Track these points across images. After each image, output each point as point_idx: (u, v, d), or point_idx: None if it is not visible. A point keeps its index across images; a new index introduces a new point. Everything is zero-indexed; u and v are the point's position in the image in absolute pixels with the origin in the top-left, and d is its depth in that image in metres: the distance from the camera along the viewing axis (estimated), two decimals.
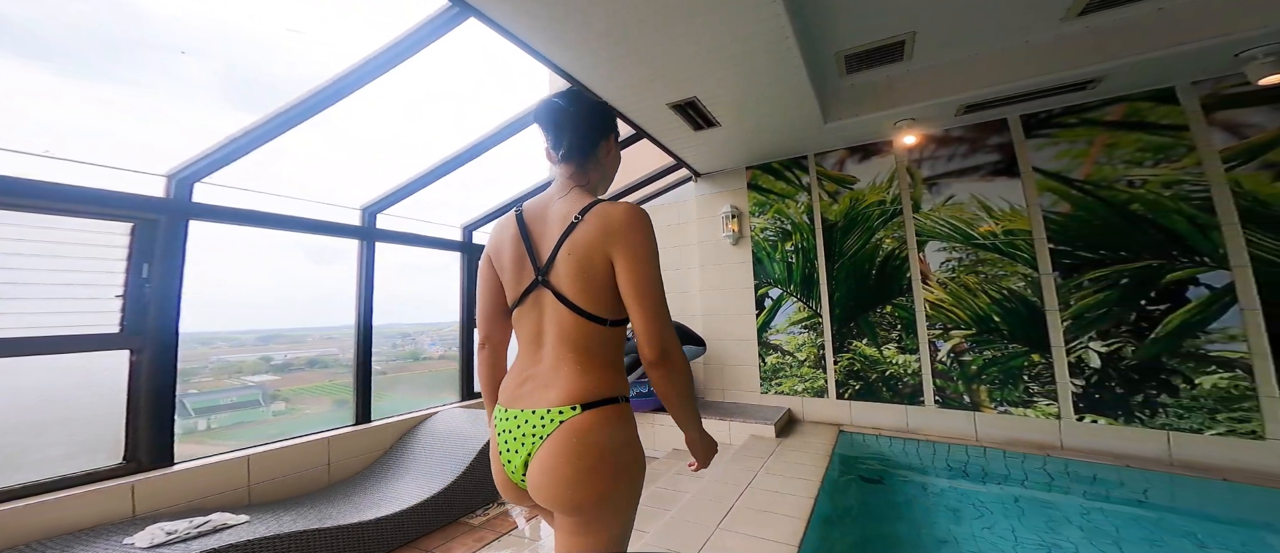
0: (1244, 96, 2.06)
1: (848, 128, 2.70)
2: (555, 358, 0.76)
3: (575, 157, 0.82)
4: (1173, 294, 2.14)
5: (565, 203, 0.80)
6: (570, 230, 0.76)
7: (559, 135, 0.82)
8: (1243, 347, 2.00)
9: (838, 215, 3.03)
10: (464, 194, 3.33)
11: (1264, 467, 1.93)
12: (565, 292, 0.76)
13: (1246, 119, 2.05)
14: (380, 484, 2.12)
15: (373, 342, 2.47)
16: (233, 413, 2.35)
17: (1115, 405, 2.22)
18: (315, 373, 2.62)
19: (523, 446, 0.74)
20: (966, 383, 2.57)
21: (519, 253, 0.80)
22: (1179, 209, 2.15)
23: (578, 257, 0.74)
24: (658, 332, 0.73)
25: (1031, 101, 2.39)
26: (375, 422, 2.42)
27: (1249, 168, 2.03)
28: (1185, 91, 2.17)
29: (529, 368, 0.79)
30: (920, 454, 2.50)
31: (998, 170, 2.56)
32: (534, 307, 0.79)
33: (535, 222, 0.81)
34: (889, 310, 2.81)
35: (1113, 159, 2.30)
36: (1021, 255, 2.48)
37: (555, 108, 0.82)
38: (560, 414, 0.72)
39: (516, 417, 0.76)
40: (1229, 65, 2.00)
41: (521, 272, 0.80)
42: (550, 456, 0.71)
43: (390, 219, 2.64)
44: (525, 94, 8.17)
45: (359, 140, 2.85)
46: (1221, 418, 2.01)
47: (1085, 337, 2.31)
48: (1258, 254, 2.00)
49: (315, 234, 2.31)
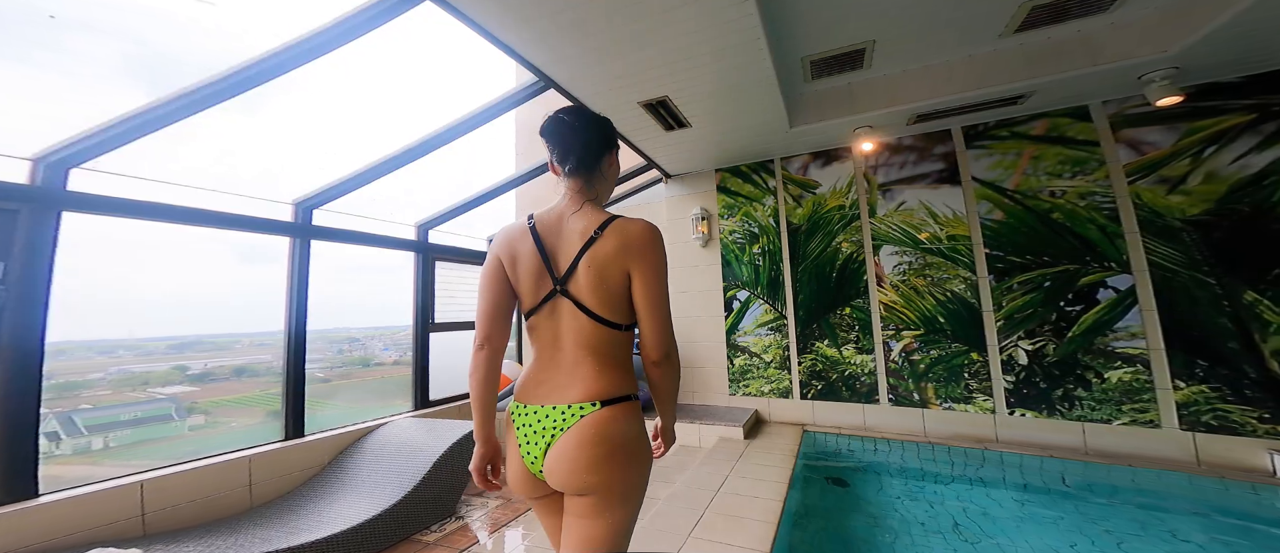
0: (1144, 116, 2.33)
1: (811, 133, 2.80)
2: (574, 360, 0.83)
3: (582, 172, 0.89)
4: (1086, 296, 2.39)
5: (580, 218, 0.86)
6: (589, 244, 0.83)
7: (566, 151, 0.88)
8: (1142, 344, 2.26)
9: (802, 219, 3.13)
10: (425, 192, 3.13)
11: (1160, 453, 2.19)
12: (584, 301, 0.83)
13: (1146, 137, 2.32)
14: (315, 504, 1.92)
15: (306, 348, 2.24)
16: (137, 429, 2.05)
17: (1040, 400, 2.44)
18: (244, 383, 2.40)
19: (542, 437, 0.81)
20: (916, 381, 2.73)
21: (537, 265, 0.86)
22: (1092, 218, 2.40)
23: (597, 269, 0.82)
24: (664, 337, 0.83)
25: (972, 114, 2.58)
26: (309, 436, 2.19)
27: (1147, 181, 2.31)
28: (1097, 110, 2.43)
29: (547, 369, 0.85)
30: (877, 452, 2.63)
31: (943, 178, 2.75)
32: (551, 314, 0.85)
33: (549, 234, 0.87)
34: (848, 312, 2.94)
35: (1037, 171, 2.54)
36: (962, 260, 2.67)
37: (562, 124, 0.89)
38: (581, 409, 0.79)
39: (537, 412, 0.82)
40: (1133, 87, 2.26)
41: (540, 282, 0.86)
42: (571, 445, 0.78)
43: (330, 215, 2.41)
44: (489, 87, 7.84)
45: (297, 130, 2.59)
46: (1126, 409, 2.26)
47: (1015, 336, 2.52)
48: (1154, 260, 2.27)
49: (237, 230, 2.05)
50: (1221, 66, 2.09)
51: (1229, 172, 2.15)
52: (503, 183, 3.05)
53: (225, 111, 1.68)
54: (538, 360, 0.87)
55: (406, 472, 2.00)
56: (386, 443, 2.23)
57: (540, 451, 0.81)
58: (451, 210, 3.02)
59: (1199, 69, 2.09)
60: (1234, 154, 2.15)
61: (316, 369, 2.51)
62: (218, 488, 1.82)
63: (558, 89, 2.15)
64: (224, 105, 1.63)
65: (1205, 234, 2.18)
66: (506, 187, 3.08)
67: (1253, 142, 2.12)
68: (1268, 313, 2.04)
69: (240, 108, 1.68)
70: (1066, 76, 2.14)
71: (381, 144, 2.33)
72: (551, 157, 0.91)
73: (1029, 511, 1.92)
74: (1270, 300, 2.04)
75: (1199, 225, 2.19)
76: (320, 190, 2.28)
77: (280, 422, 2.16)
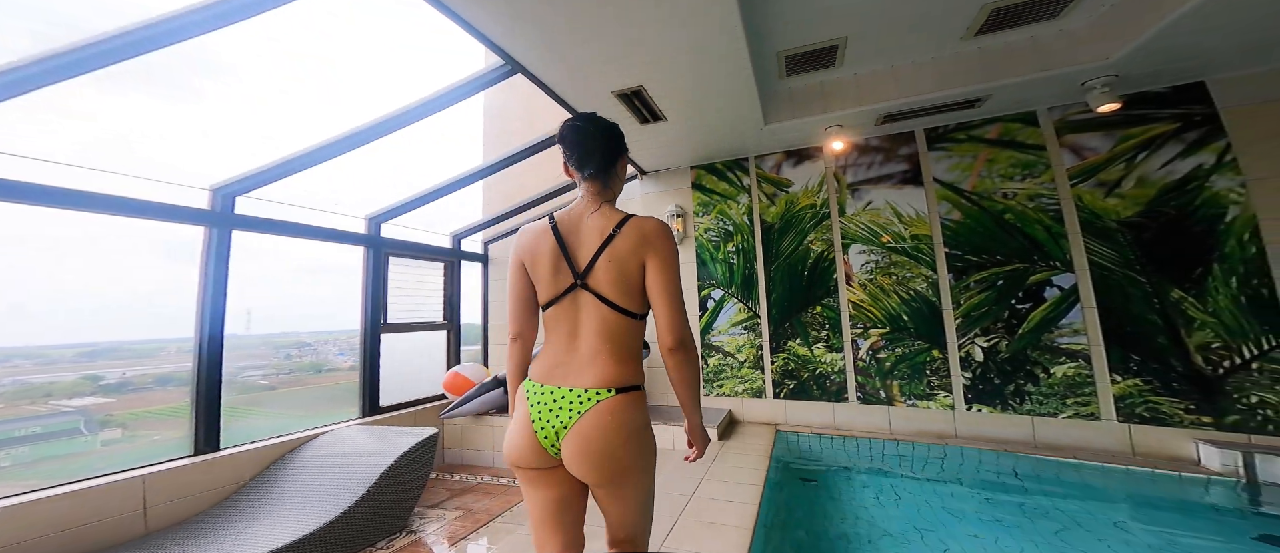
0: (1085, 123, 2.48)
1: (785, 130, 2.82)
2: (592, 348, 0.89)
3: (600, 175, 0.96)
4: (1035, 294, 2.51)
5: (599, 218, 0.93)
6: (608, 241, 0.90)
7: (585, 156, 0.95)
8: (1084, 340, 2.39)
9: (775, 217, 3.15)
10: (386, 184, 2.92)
11: (1100, 445, 2.32)
12: (604, 292, 0.89)
13: (1087, 142, 2.47)
14: (229, 527, 1.71)
15: (223, 352, 2.01)
16: (37, 446, 1.79)
17: (994, 396, 2.54)
18: (170, 393, 2.19)
19: (557, 416, 0.86)
20: (882, 379, 2.79)
21: (556, 259, 0.92)
22: (1039, 219, 2.53)
23: (617, 263, 0.89)
24: (678, 323, 0.88)
25: (933, 116, 2.68)
26: (226, 451, 1.97)
27: (1087, 185, 2.45)
28: (1043, 116, 2.57)
29: (564, 355, 0.91)
30: (846, 450, 2.66)
31: (907, 179, 2.84)
32: (571, 305, 0.91)
33: (570, 232, 0.94)
34: (819, 311, 2.98)
35: (992, 173, 2.65)
36: (924, 259, 2.76)
37: (581, 131, 0.95)
38: (597, 395, 0.85)
39: (553, 392, 0.88)
40: (1077, 94, 2.40)
41: (558, 276, 0.92)
42: (591, 430, 0.84)
43: (258, 204, 2.18)
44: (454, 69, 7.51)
45: (218, 108, 2.34)
46: (1070, 403, 2.39)
47: (972, 333, 2.62)
48: (1093, 259, 2.41)
49: (136, 218, 1.80)
50: (1152, 76, 2.25)
51: (1158, 176, 2.31)
52: (466, 175, 2.90)
53: (140, 91, 1.48)
54: (552, 346, 0.93)
55: (346, 485, 1.84)
56: (326, 454, 2.04)
57: (555, 430, 0.86)
58: (407, 203, 2.83)
59: (1135, 78, 2.24)
60: (1162, 160, 2.31)
61: (259, 376, 2.35)
62: (99, 514, 1.58)
63: (526, 74, 2.05)
64: (143, 86, 1.43)
65: (1137, 235, 2.33)
66: (471, 178, 2.93)
67: (1177, 148, 2.29)
68: (1192, 309, 2.20)
69: (137, 82, 1.47)
70: (1019, 81, 2.24)
71: (323, 126, 2.13)
72: (569, 160, 0.97)
73: (988, 509, 1.98)
74: (1194, 298, 2.20)
75: (1132, 227, 2.34)
76: (245, 176, 2.05)
77: (193, 435, 1.93)
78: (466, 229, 3.67)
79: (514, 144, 3.04)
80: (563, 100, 2.36)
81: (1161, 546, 1.62)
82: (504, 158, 2.90)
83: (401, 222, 3.05)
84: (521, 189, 3.79)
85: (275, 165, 2.07)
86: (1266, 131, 2.14)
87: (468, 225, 3.67)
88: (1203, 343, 2.16)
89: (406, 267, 3.13)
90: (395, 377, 2.99)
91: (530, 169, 3.98)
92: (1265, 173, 2.12)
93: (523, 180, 3.88)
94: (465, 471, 3.01)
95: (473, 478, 2.88)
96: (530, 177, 3.85)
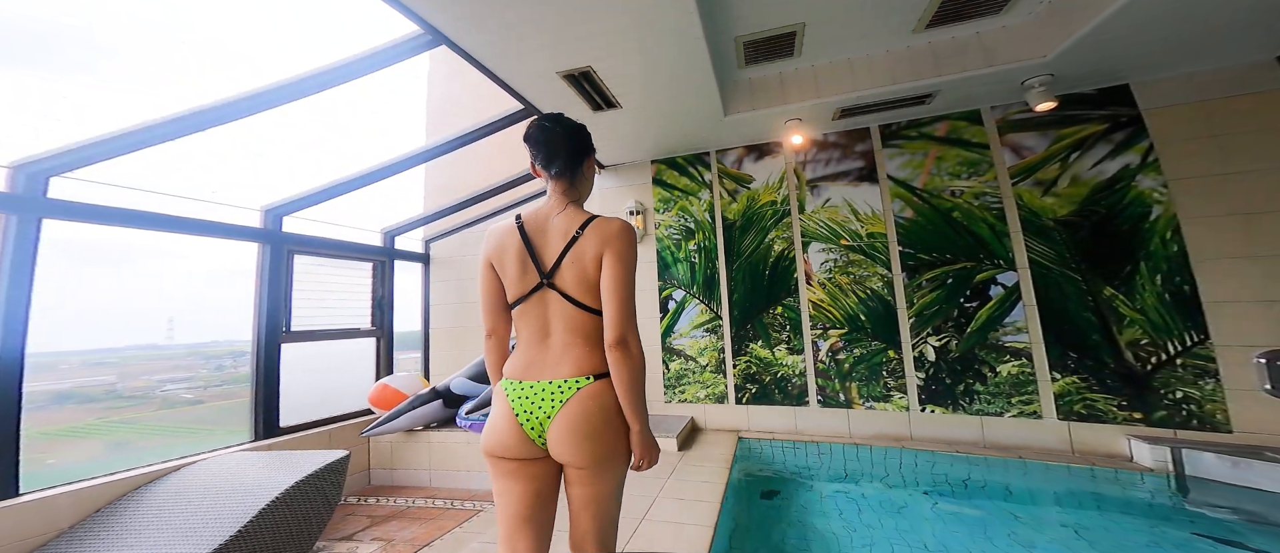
0: (1024, 122, 2.54)
1: (745, 123, 2.72)
2: (564, 343, 0.93)
3: (566, 175, 0.99)
4: (981, 292, 2.54)
5: (564, 218, 0.96)
6: (572, 243, 0.93)
7: (551, 156, 0.98)
8: (1025, 337, 2.43)
9: (736, 214, 3.05)
10: (305, 175, 2.54)
11: (1043, 443, 2.34)
12: (569, 291, 0.92)
13: (1025, 142, 2.53)
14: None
15: (23, 373, 1.58)
16: None
17: (946, 396, 2.54)
18: (74, 410, 1.95)
19: (540, 408, 0.90)
20: (841, 381, 2.73)
21: (522, 259, 0.95)
22: (984, 218, 2.56)
23: (579, 263, 0.92)
24: (622, 321, 0.90)
25: (887, 112, 2.66)
26: (29, 495, 1.55)
27: (1026, 183, 2.50)
28: (986, 115, 2.62)
29: (538, 350, 0.94)
30: (807, 456, 2.57)
31: (862, 176, 2.81)
32: (538, 303, 0.94)
33: (536, 233, 0.96)
34: (779, 311, 2.89)
35: (941, 171, 2.67)
36: (879, 257, 2.74)
37: (546, 131, 0.98)
38: (577, 383, 0.90)
39: (533, 387, 0.92)
40: (1017, 93, 2.45)
41: (525, 275, 0.95)
42: (577, 413, 0.88)
43: (80, 186, 1.76)
44: (361, 36, 7.06)
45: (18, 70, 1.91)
46: (1015, 401, 2.41)
47: (925, 332, 2.61)
48: (1033, 257, 2.46)
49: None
50: (1083, 77, 2.32)
51: (1089, 176, 2.39)
52: (390, 164, 2.57)
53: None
54: (525, 344, 0.96)
55: (212, 524, 1.49)
56: (194, 486, 1.68)
57: (541, 420, 0.90)
58: (316, 194, 2.47)
59: (1068, 77, 2.30)
60: (1093, 160, 2.39)
61: (183, 389, 2.18)
62: None
63: (451, 46, 1.80)
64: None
65: (1072, 233, 2.39)
66: (397, 167, 2.60)
67: (1106, 149, 2.38)
68: (1122, 307, 2.27)
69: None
70: (966, 76, 2.25)
71: (186, 93, 1.78)
72: (535, 160, 1.00)
73: (946, 515, 1.92)
74: (1124, 295, 2.27)
75: (1067, 225, 2.41)
76: (60, 152, 1.64)
77: (130, 451, 1.53)
78: (401, 226, 3.31)
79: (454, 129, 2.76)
80: (504, 82, 2.13)
81: (1111, 547, 1.59)
82: (437, 145, 2.61)
83: (319, 217, 2.68)
84: (465, 186, 3.49)
85: (105, 140, 1.68)
86: (1185, 132, 2.26)
87: (402, 222, 3.32)
88: (1132, 340, 2.23)
89: (322, 267, 2.76)
90: (310, 391, 2.61)
91: (475, 164, 3.70)
92: (1185, 173, 2.23)
93: (467, 178, 3.59)
94: (395, 493, 2.68)
95: (402, 502, 2.55)
96: (475, 173, 3.56)
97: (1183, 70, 2.26)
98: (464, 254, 3.76)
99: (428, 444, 2.78)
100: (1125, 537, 1.65)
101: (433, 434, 2.78)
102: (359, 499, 2.60)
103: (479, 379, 2.84)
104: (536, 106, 2.39)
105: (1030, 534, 1.69)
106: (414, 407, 2.71)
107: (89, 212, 1.77)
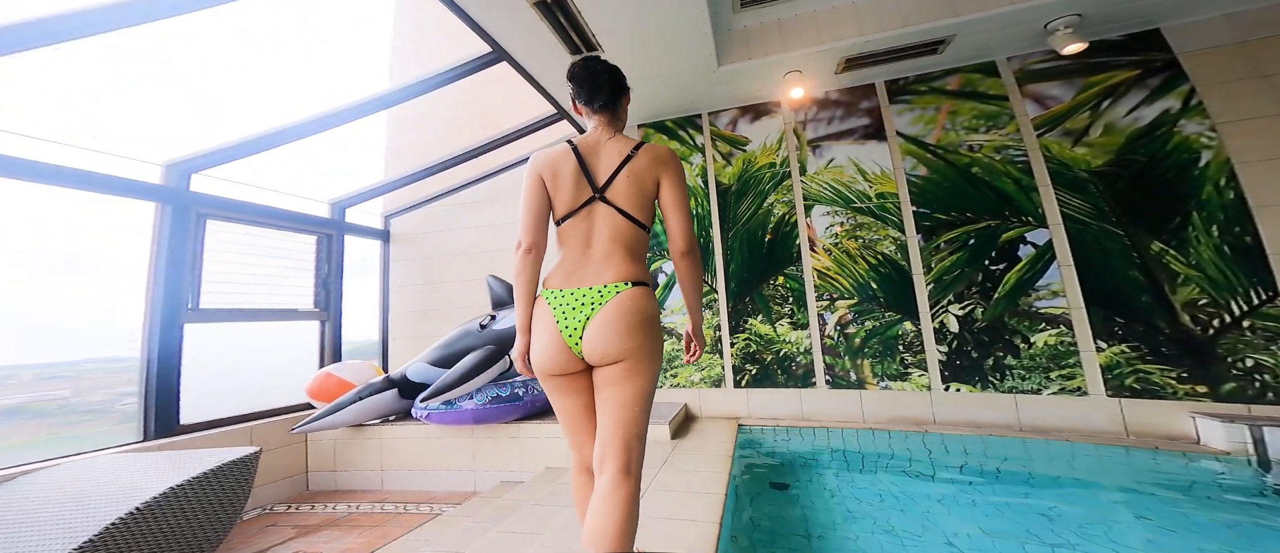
0: (1045, 72, 2.31)
1: (740, 76, 2.47)
2: (606, 252, 1.00)
3: (609, 108, 1.09)
4: (1008, 253, 2.26)
5: (615, 143, 1.06)
6: (627, 160, 1.04)
7: (594, 91, 1.07)
8: (1063, 302, 2.13)
9: (731, 179, 2.78)
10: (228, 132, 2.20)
11: (1090, 424, 2.03)
12: (620, 204, 1.02)
13: (1048, 91, 2.30)
14: None
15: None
16: None
17: (973, 372, 2.23)
18: (26, 425, 1.80)
19: (580, 312, 0.96)
20: (852, 358, 2.42)
21: (577, 175, 1.03)
22: (1007, 172, 2.30)
23: (635, 178, 1.03)
24: (688, 231, 1.03)
25: (895, 63, 2.43)
26: None
27: (1054, 134, 2.26)
28: (1003, 66, 2.39)
29: (581, 261, 1.01)
30: (816, 443, 2.24)
31: (869, 134, 2.56)
32: (586, 217, 1.02)
33: (589, 153, 1.05)
34: (781, 282, 2.59)
35: (955, 125, 2.42)
36: (891, 219, 2.46)
37: (588, 67, 1.08)
38: (616, 287, 0.97)
39: (574, 294, 0.98)
40: (1036, 42, 2.23)
41: (579, 189, 1.03)
42: (614, 313, 0.95)
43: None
44: None
45: None
46: (1054, 376, 2.10)
47: (945, 300, 2.32)
48: (1067, 213, 2.19)
49: None
50: (1110, 21, 2.12)
51: (1125, 123, 2.15)
52: (333, 112, 2.22)
53: None
54: (570, 256, 1.03)
55: (44, 543, 1.12)
56: (38, 495, 1.29)
57: (579, 324, 0.95)
58: (234, 148, 2.13)
59: (1094, 20, 2.10)
60: (1128, 106, 2.16)
61: None
62: None
63: None
64: None
65: (1109, 185, 2.14)
66: (343, 117, 2.26)
67: (1141, 95, 2.15)
68: (1175, 263, 2.00)
69: None
70: (987, 16, 2.03)
71: None
72: (578, 97, 1.09)
73: (980, 510, 1.58)
74: (1176, 250, 2.00)
75: (1103, 176, 2.15)
76: None
77: None
78: (352, 197, 2.94)
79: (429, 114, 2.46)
80: (469, 17, 1.87)
81: (1194, 538, 1.26)
82: (395, 91, 2.31)
83: (256, 183, 2.34)
84: (429, 156, 3.16)
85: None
86: (1229, 74, 2.03)
87: (354, 192, 2.95)
88: (1189, 300, 1.95)
89: (253, 238, 2.40)
90: (237, 380, 2.23)
91: (442, 133, 3.40)
92: (1235, 115, 1.99)
93: (430, 147, 3.29)
94: (336, 498, 2.27)
95: (343, 508, 2.15)
96: (440, 143, 3.25)
97: (1219, 10, 2.05)
98: (429, 231, 3.40)
99: (379, 441, 2.39)
100: (1210, 529, 1.32)
101: (386, 429, 2.40)
102: (289, 507, 2.20)
103: (442, 364, 2.47)
104: (505, 48, 2.12)
105: (1092, 526, 1.35)
106: (362, 397, 2.33)
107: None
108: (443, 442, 2.33)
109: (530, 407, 2.35)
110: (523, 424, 2.32)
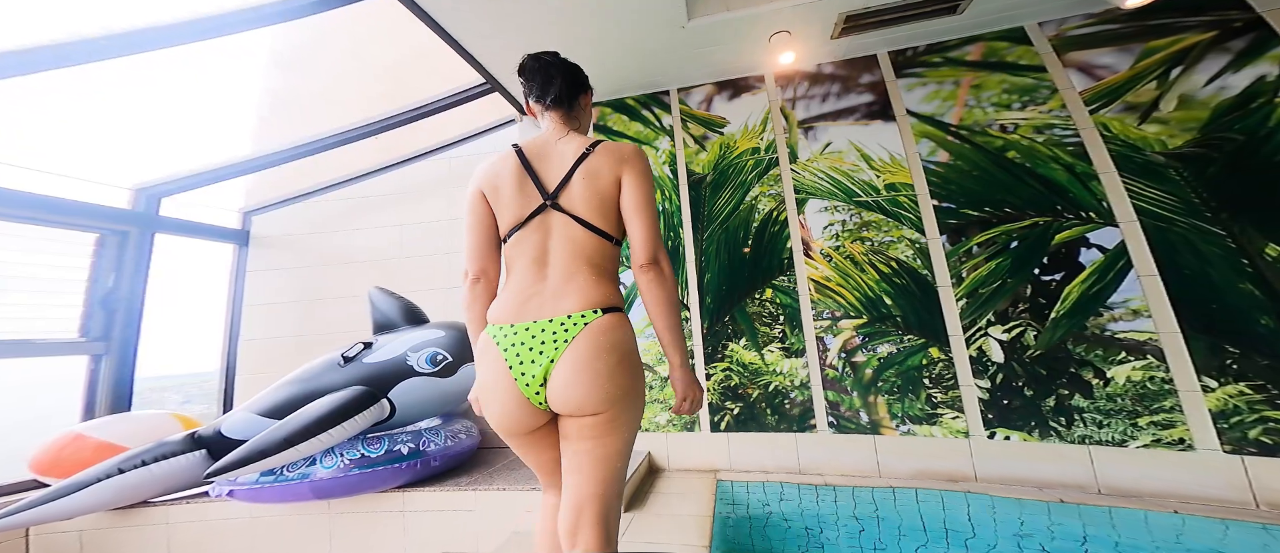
0: (1090, 37, 1.88)
1: (716, 35, 2.01)
2: (566, 272, 0.83)
3: (563, 103, 0.95)
4: (1066, 260, 1.73)
5: (568, 143, 0.91)
6: (582, 159, 0.87)
7: (547, 83, 0.94)
8: (1149, 324, 1.59)
9: (706, 167, 2.30)
10: None
11: (1202, 490, 1.44)
12: (578, 211, 0.85)
13: (1097, 59, 1.85)
14: None
15: None
16: None
17: (1027, 415, 1.66)
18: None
19: (542, 353, 0.78)
20: (862, 394, 1.86)
21: (521, 180, 0.88)
22: (1055, 156, 1.81)
23: (591, 179, 0.86)
24: (653, 240, 0.85)
25: (903, 25, 1.99)
26: None
27: (1113, 110, 1.78)
28: (1034, 32, 1.96)
29: (534, 285, 0.83)
30: (820, 507, 1.64)
31: (873, 113, 2.10)
32: (537, 229, 0.86)
33: (536, 157, 0.91)
34: (769, 296, 2.06)
35: (981, 101, 1.96)
36: (907, 217, 1.96)
37: (541, 62, 0.95)
38: (583, 318, 0.79)
39: (529, 329, 0.79)
40: (1068, 6, 1.80)
41: (524, 197, 0.88)
42: (585, 355, 0.76)
43: None
44: None
45: None
46: (1144, 423, 1.53)
47: (984, 321, 1.78)
48: (1142, 206, 1.68)
49: None
50: None
51: (1207, 95, 1.68)
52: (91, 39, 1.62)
53: None
54: (518, 279, 0.86)
55: None
56: None
57: (541, 370, 0.78)
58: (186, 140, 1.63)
59: None
60: (1207, 74, 1.69)
61: None
62: None
63: None
64: None
65: (1197, 171, 1.63)
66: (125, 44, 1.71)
67: (1222, 60, 1.68)
68: None
69: None
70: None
71: None
72: (530, 94, 0.96)
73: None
74: None
75: (1188, 160, 1.65)
76: None
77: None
78: (170, 182, 2.12)
79: (312, 74, 1.99)
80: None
81: None
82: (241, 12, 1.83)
83: None
84: (308, 133, 2.39)
85: None
86: None
87: (173, 176, 2.13)
88: None
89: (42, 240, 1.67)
90: None
91: (328, 102, 2.72)
92: None
93: (311, 122, 2.48)
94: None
95: None
96: (328, 116, 2.40)
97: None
98: (312, 232, 2.70)
99: (166, 527, 1.72)
100: None
101: (179, 509, 1.72)
102: None
103: (276, 414, 1.76)
104: (432, 15, 1.70)
105: None
106: (145, 463, 1.59)
107: None
108: (282, 522, 1.70)
109: (425, 468, 1.73)
110: (411, 492, 1.70)
